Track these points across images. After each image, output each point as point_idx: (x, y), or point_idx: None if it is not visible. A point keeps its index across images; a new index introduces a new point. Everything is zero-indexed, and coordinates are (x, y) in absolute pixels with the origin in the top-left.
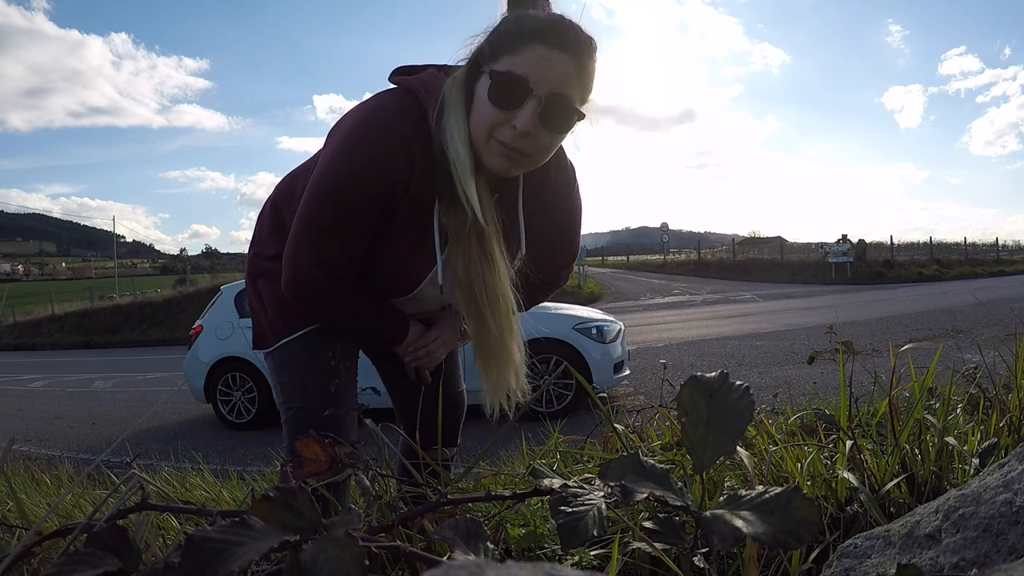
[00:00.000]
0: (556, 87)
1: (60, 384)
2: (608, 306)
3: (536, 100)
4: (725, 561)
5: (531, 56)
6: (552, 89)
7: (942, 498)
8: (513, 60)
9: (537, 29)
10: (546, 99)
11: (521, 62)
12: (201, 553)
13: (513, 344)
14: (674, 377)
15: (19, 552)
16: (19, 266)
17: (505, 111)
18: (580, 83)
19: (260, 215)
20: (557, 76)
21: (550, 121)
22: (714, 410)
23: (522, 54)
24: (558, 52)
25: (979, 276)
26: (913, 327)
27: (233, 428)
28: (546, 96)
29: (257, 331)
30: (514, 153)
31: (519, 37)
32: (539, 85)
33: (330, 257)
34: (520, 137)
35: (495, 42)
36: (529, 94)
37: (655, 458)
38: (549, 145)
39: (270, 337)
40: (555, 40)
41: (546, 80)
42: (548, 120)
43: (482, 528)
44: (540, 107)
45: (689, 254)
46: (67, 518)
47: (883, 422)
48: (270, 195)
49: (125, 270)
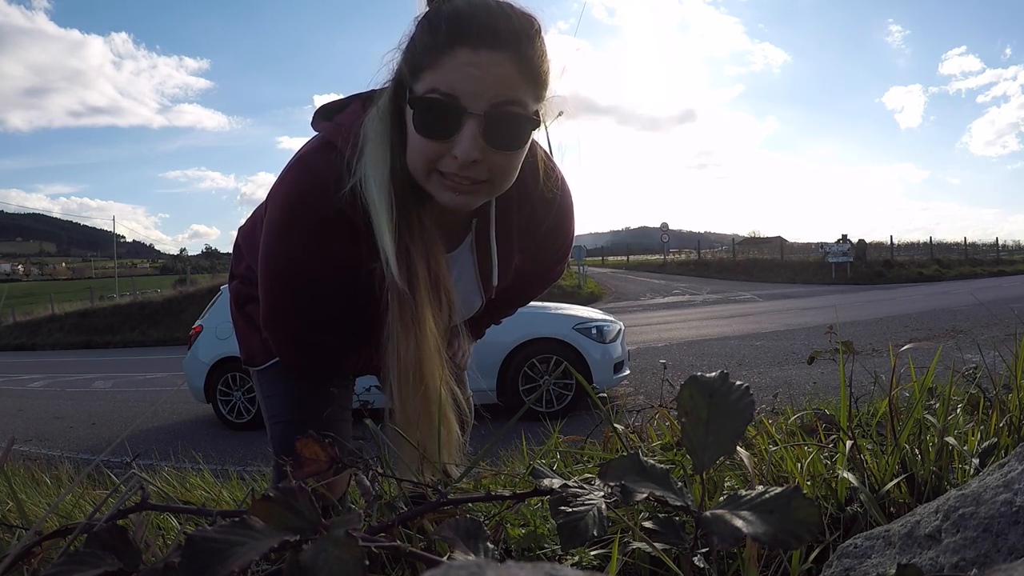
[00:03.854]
0: (496, 96)
1: (60, 384)
2: (608, 306)
3: (475, 119)
4: (725, 561)
5: (455, 66)
6: (491, 100)
7: (942, 498)
8: (435, 76)
9: (456, 29)
10: (487, 115)
11: (445, 76)
12: (201, 553)
13: (429, 432)
14: (674, 377)
15: (19, 552)
16: (19, 266)
17: (440, 141)
18: (527, 79)
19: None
20: (494, 82)
21: (498, 139)
22: (714, 410)
23: (444, 66)
24: (488, 52)
25: (979, 276)
26: (913, 327)
27: (233, 428)
28: (486, 111)
29: (247, 349)
30: (465, 184)
31: (436, 45)
32: (473, 100)
33: (311, 326)
34: (467, 167)
35: (412, 56)
36: (463, 114)
37: (655, 458)
38: (509, 164)
39: (261, 355)
40: (481, 37)
41: (481, 92)
42: (495, 138)
43: (482, 528)
44: (482, 127)
45: (689, 254)
46: (67, 518)
47: (883, 422)
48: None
49: (125, 270)
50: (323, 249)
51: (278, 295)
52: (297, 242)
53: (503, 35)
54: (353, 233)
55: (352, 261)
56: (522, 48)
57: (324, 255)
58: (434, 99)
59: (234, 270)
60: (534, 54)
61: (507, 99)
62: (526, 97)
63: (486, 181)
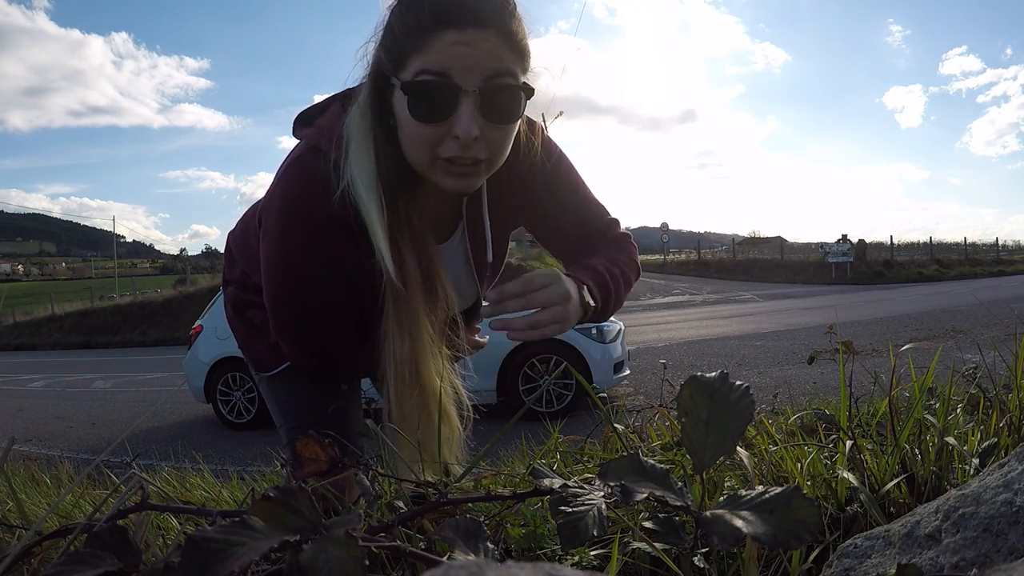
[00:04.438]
0: (488, 70)
1: (60, 384)
2: None
3: (471, 96)
4: (725, 561)
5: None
6: (484, 74)
7: (942, 498)
8: (423, 59)
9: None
10: (482, 90)
11: (434, 57)
12: (201, 553)
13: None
14: (674, 377)
15: (19, 552)
16: (19, 266)
17: (438, 124)
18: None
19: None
20: (484, 57)
21: (496, 112)
22: (714, 410)
23: (431, 47)
24: (474, 30)
25: (979, 276)
26: (913, 327)
27: (233, 428)
28: (480, 87)
29: (253, 356)
30: (469, 166)
31: (420, 29)
32: (467, 77)
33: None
34: (469, 146)
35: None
36: (459, 92)
37: (655, 458)
38: (504, 139)
39: (270, 361)
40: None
41: (473, 67)
42: (493, 112)
43: (482, 528)
44: (478, 102)
45: (689, 254)
46: (67, 518)
47: (883, 422)
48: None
49: (125, 270)
50: (322, 253)
51: (285, 303)
52: (295, 249)
53: (486, 12)
54: (348, 234)
55: (351, 262)
56: (505, 22)
57: (323, 259)
58: (427, 81)
59: (228, 276)
60: (516, 27)
61: (499, 71)
62: (515, 68)
63: (485, 160)
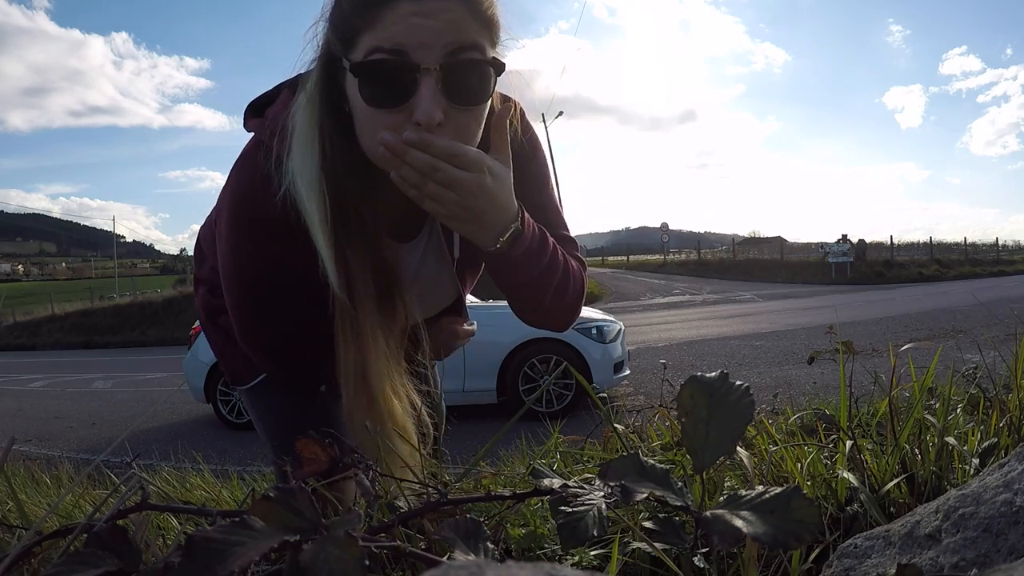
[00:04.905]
0: (451, 43)
1: (60, 384)
2: (608, 306)
3: (431, 75)
4: (725, 561)
5: (397, 19)
6: (446, 49)
7: (942, 498)
8: (375, 35)
9: None
10: (443, 67)
11: (387, 32)
12: (201, 553)
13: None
14: (674, 377)
15: (19, 552)
16: (19, 266)
17: (395, 109)
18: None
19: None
20: (445, 28)
21: (460, 93)
22: (714, 410)
23: (383, 21)
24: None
25: (979, 276)
26: (913, 327)
27: (233, 428)
28: (441, 63)
29: (229, 367)
30: None
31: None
32: (425, 53)
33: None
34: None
35: (341, 21)
36: (416, 71)
37: (655, 458)
38: (473, 122)
39: (246, 372)
40: None
41: (433, 41)
42: (457, 93)
43: (482, 528)
44: (440, 81)
45: (689, 254)
46: (67, 518)
47: (883, 422)
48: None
49: (125, 270)
50: (272, 256)
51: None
52: (246, 252)
53: None
54: (295, 237)
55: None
56: None
57: (274, 262)
58: (379, 60)
59: (198, 274)
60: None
61: (463, 44)
62: (482, 40)
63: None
